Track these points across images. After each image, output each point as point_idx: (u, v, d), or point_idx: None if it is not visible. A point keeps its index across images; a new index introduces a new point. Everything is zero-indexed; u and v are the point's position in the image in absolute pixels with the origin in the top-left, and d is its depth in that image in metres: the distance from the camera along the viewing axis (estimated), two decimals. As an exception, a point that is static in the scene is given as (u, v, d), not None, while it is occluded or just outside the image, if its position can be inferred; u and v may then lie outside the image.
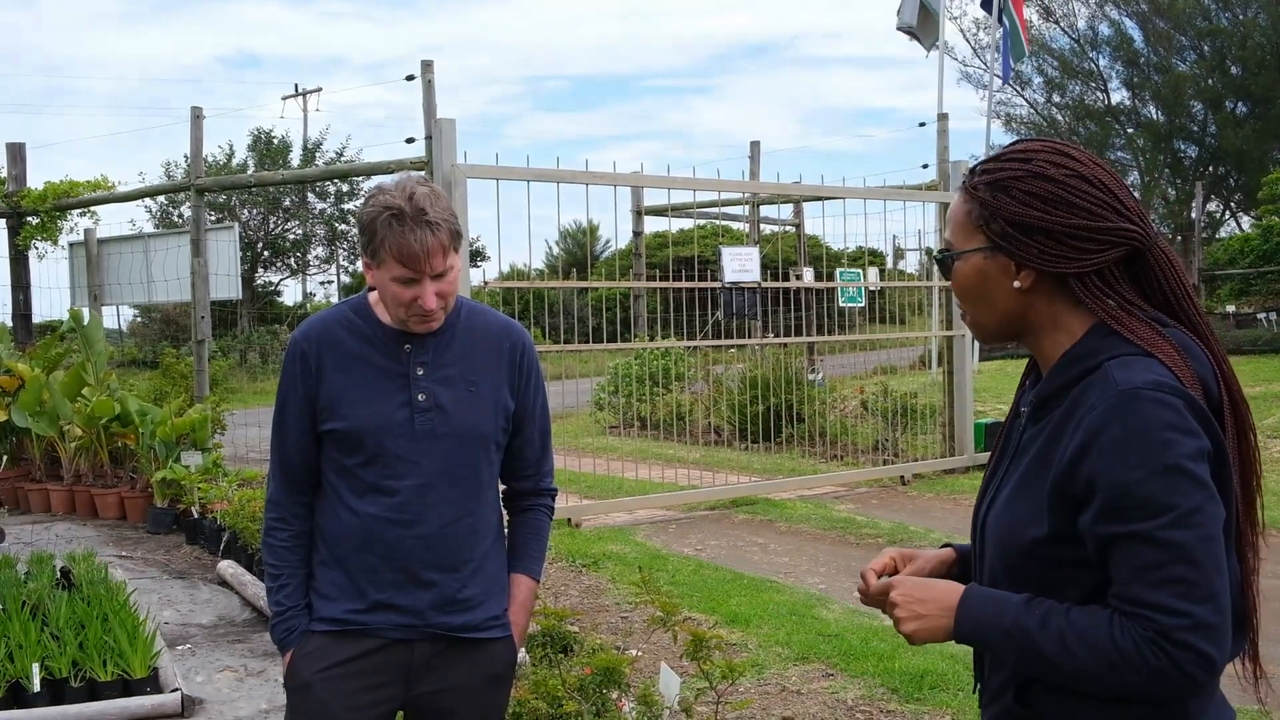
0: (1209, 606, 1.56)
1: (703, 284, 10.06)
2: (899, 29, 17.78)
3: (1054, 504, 1.66)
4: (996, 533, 1.77)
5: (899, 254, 22.24)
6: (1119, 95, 37.73)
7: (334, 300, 34.93)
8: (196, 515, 8.18)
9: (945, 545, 2.04)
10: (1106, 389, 1.62)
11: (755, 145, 17.25)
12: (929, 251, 12.90)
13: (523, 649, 4.31)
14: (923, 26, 17.42)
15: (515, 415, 2.65)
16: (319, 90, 42.32)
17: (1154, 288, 1.74)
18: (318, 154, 35.71)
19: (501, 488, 2.76)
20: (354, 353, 2.55)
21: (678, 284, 10.02)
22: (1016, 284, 1.74)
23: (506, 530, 2.78)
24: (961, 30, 36.74)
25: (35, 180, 11.91)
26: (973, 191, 1.77)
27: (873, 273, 12.40)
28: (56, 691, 4.68)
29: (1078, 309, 1.74)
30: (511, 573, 2.71)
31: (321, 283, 38.79)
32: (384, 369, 2.54)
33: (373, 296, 2.61)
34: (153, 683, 4.86)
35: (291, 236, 36.01)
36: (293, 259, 36.84)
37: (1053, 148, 1.74)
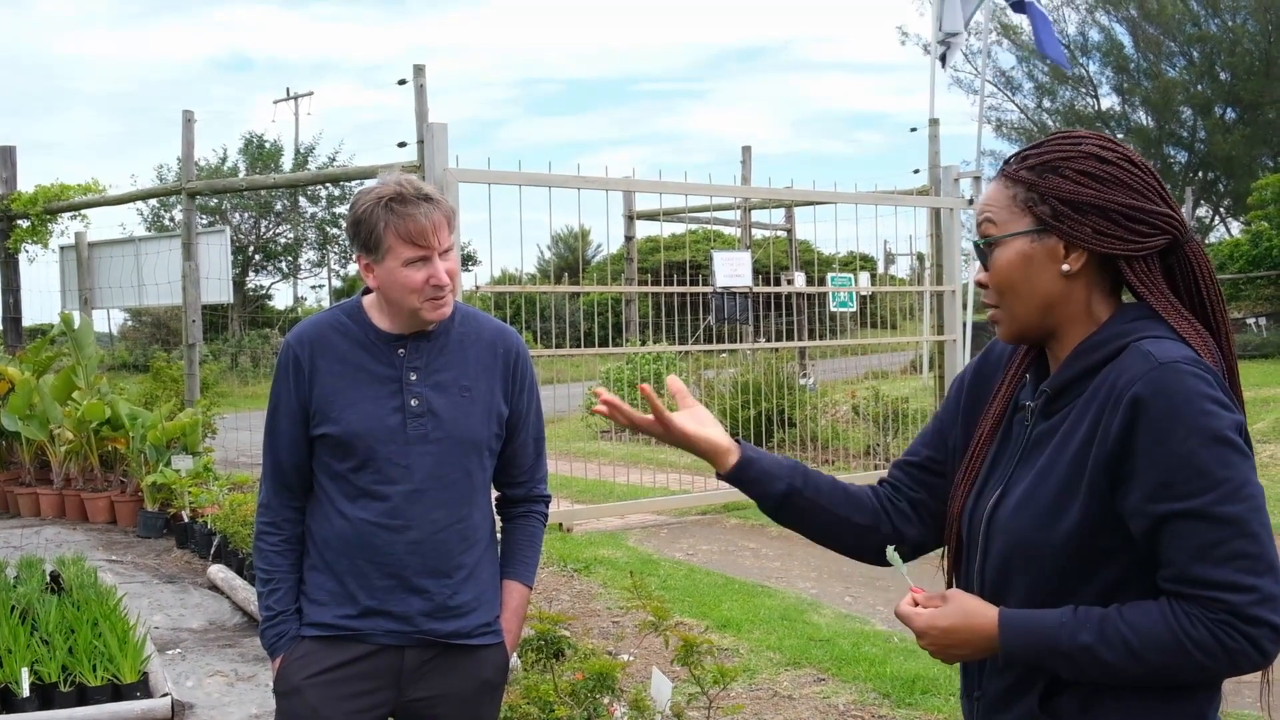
0: (1271, 577, 1.55)
1: (694, 289, 10.06)
2: (941, 38, 17.34)
3: (1097, 488, 1.63)
4: (1013, 530, 1.73)
5: (890, 259, 22.24)
6: (1109, 101, 37.90)
7: (325, 304, 34.93)
8: (187, 519, 8.16)
9: (735, 439, 2.02)
10: (1144, 363, 1.61)
11: (747, 150, 17.27)
12: (920, 257, 12.93)
13: (514, 654, 4.31)
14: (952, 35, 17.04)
15: (509, 421, 2.65)
16: (311, 94, 42.34)
17: (1187, 284, 1.72)
18: (310, 158, 35.70)
19: (495, 494, 2.75)
20: (347, 357, 2.54)
21: (669, 288, 9.98)
22: (1065, 267, 1.71)
23: (500, 536, 2.78)
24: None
25: (26, 183, 11.89)
26: (1017, 175, 1.74)
27: (864, 277, 12.43)
28: (46, 696, 4.67)
29: (1108, 299, 1.73)
30: (504, 579, 2.70)
31: (313, 287, 38.83)
32: (377, 374, 2.53)
33: (367, 300, 2.60)
34: (142, 687, 4.84)
35: (283, 240, 36.01)
36: (284, 263, 36.83)
37: (1099, 135, 1.75)
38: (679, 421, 1.99)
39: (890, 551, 1.91)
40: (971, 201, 11.42)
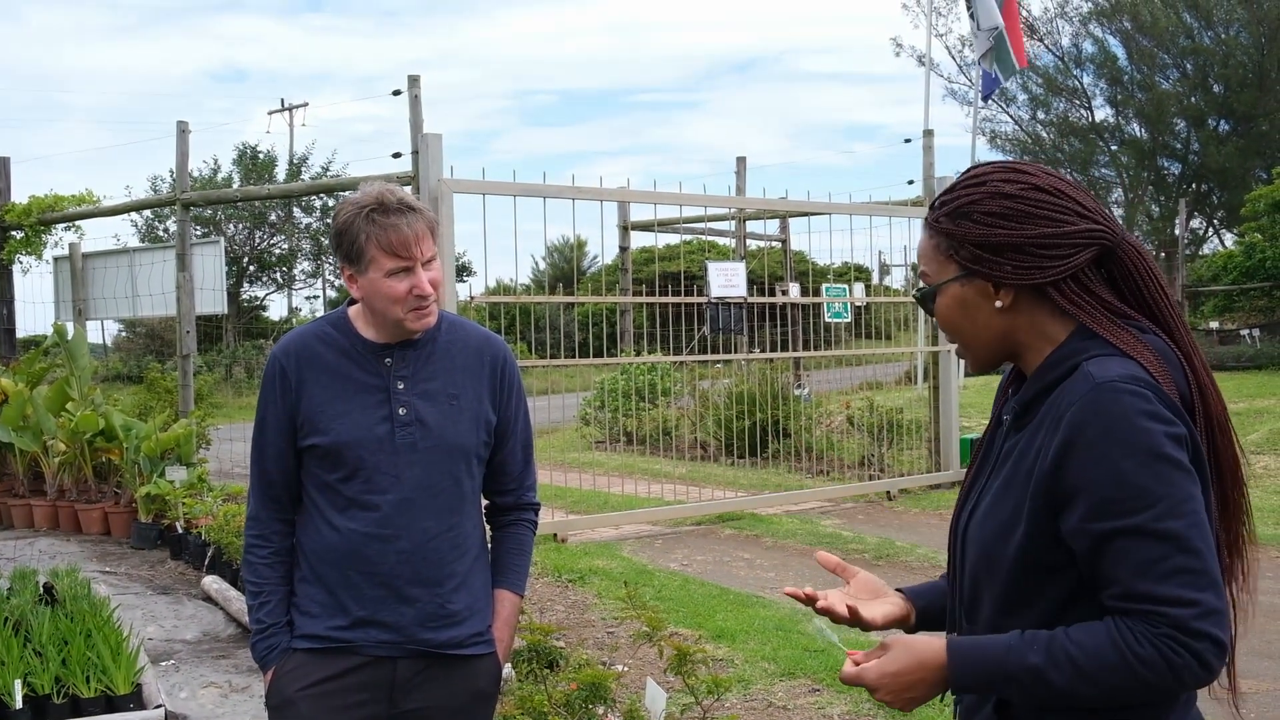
0: (1213, 592, 1.56)
1: (689, 299, 10.08)
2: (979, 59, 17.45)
3: (1036, 505, 1.66)
4: (979, 541, 1.77)
5: (884, 269, 22.30)
6: (1103, 112, 38.00)
7: (320, 314, 34.86)
8: (181, 530, 8.14)
9: (899, 590, 2.01)
10: (1083, 384, 1.64)
11: (741, 161, 17.29)
12: (914, 267, 12.95)
13: (508, 664, 4.30)
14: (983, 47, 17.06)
15: (497, 429, 2.65)
16: (305, 105, 42.32)
17: (1129, 286, 1.75)
18: (304, 169, 35.71)
19: (484, 503, 2.75)
20: (334, 367, 2.55)
21: (664, 299, 9.98)
22: (998, 304, 1.76)
23: (489, 545, 2.78)
24: (947, 47, 37.00)
25: (20, 194, 11.88)
26: (936, 225, 1.80)
27: (858, 288, 12.45)
28: (39, 708, 4.65)
29: (1060, 318, 1.76)
30: (495, 588, 2.70)
31: (307, 297, 38.79)
32: (364, 383, 2.53)
33: (352, 310, 2.60)
34: (136, 699, 4.83)
35: (277, 251, 35.99)
36: (278, 273, 36.81)
37: (1005, 166, 1.78)
38: (867, 617, 1.95)
39: (815, 622, 1.91)
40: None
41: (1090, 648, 1.59)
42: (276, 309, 39.27)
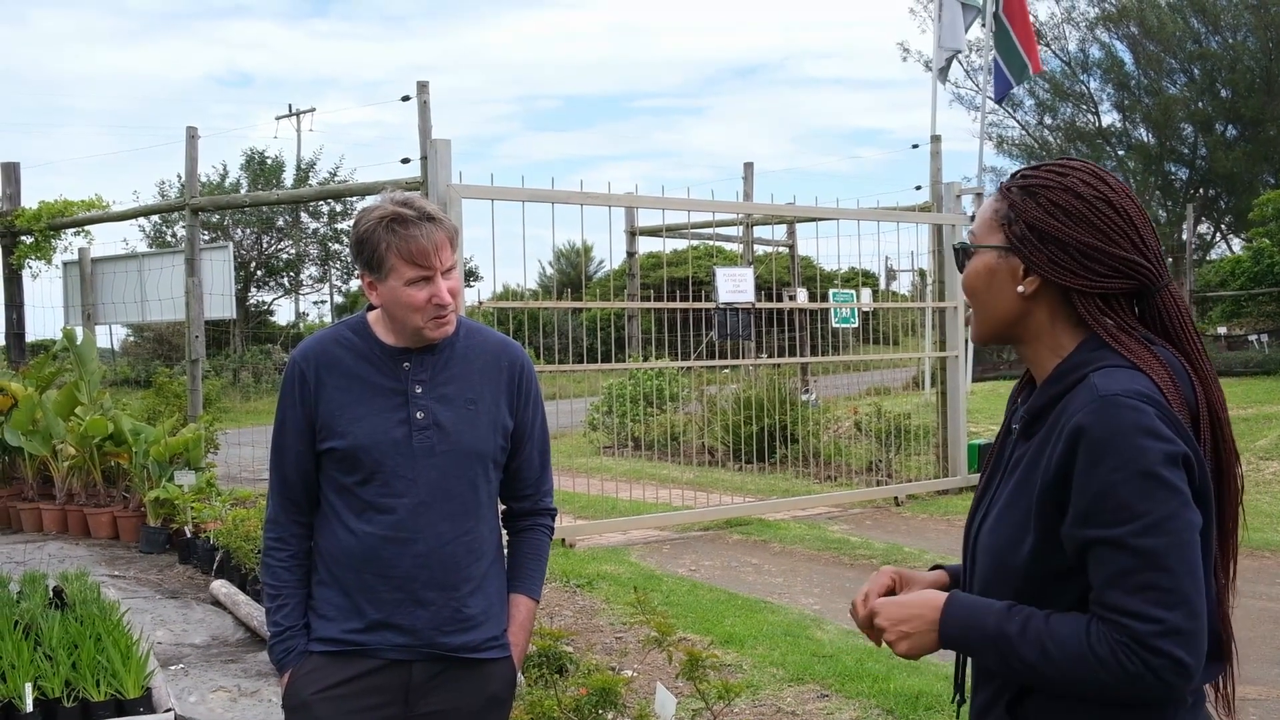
0: (1181, 612, 1.58)
1: (697, 304, 10.07)
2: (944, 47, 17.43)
3: (1041, 511, 1.70)
4: (989, 548, 1.79)
5: (892, 275, 22.25)
6: (1110, 117, 37.93)
7: (327, 319, 35.01)
8: (189, 535, 8.15)
9: (936, 567, 2.06)
10: (1088, 395, 1.66)
11: (749, 166, 17.30)
12: (922, 273, 12.95)
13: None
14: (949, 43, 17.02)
15: (514, 434, 2.66)
16: (312, 110, 42.36)
17: (1159, 326, 1.77)
18: (311, 174, 35.77)
19: (501, 508, 2.76)
20: (352, 371, 2.56)
21: (672, 304, 9.95)
22: (1020, 289, 1.78)
23: (506, 550, 2.79)
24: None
25: (29, 199, 11.93)
26: (1005, 192, 1.83)
27: (866, 293, 12.44)
28: (49, 712, 4.66)
29: (1074, 328, 1.78)
30: (511, 593, 2.71)
31: (315, 302, 38.85)
32: (382, 387, 2.55)
33: (371, 316, 2.62)
34: (146, 703, 4.84)
35: (285, 256, 36.06)
36: (286, 278, 36.88)
37: (1091, 169, 1.78)
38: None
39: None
40: (973, 218, 11.45)
41: (1060, 634, 1.64)
42: (284, 314, 39.40)
